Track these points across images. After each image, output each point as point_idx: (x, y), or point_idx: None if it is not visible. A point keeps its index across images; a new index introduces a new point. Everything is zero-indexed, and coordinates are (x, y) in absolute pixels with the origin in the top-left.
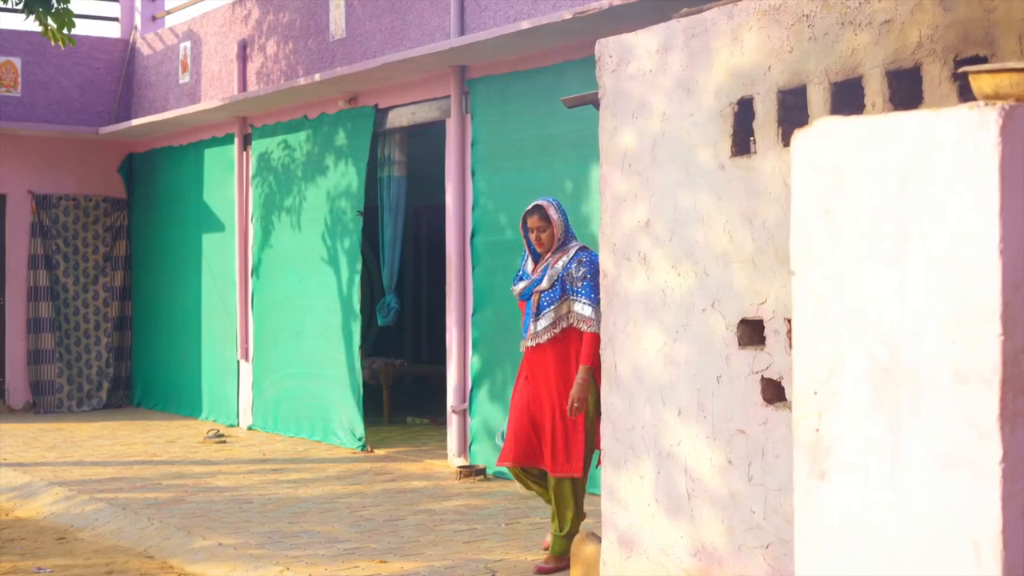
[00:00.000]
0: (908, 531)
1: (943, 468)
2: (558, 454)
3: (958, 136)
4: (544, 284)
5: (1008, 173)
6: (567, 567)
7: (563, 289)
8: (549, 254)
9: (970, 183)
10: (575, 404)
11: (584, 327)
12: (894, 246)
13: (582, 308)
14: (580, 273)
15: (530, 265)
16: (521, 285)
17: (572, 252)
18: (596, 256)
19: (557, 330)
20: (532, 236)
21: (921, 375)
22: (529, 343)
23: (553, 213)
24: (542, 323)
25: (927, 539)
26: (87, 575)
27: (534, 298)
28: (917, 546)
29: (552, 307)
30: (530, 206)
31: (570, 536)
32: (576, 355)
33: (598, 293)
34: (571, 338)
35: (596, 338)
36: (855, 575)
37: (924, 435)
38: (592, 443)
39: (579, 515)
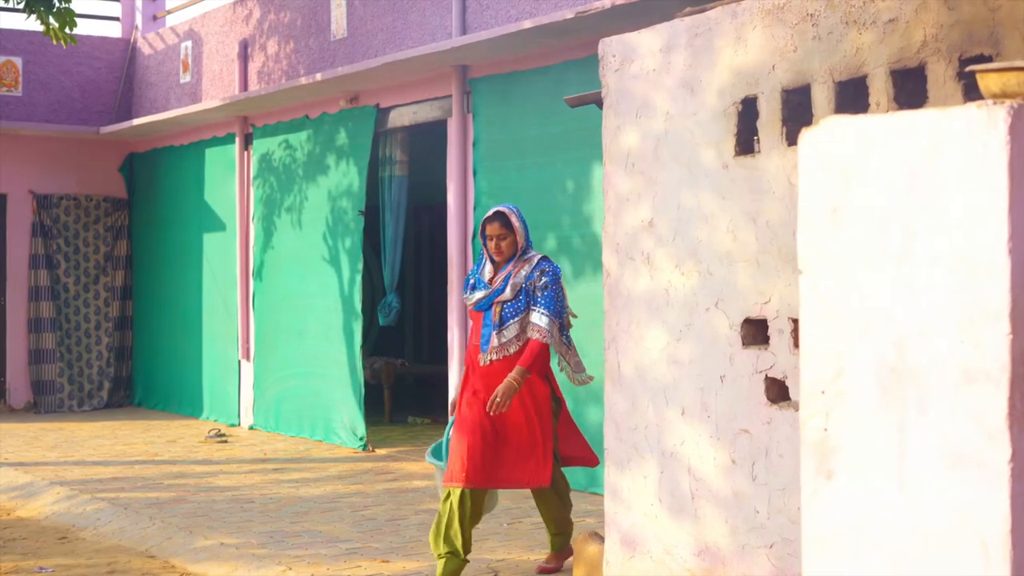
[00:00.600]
0: (916, 531)
1: (951, 468)
2: (528, 467)
3: (966, 135)
4: (507, 294)
5: (1017, 171)
6: (569, 556)
7: (527, 299)
8: (511, 264)
9: (978, 182)
10: (497, 399)
11: (537, 336)
12: (901, 245)
13: (538, 318)
14: (542, 283)
15: (487, 274)
16: (479, 295)
17: (535, 261)
18: (558, 267)
19: (521, 342)
20: (491, 244)
21: (929, 374)
22: (492, 356)
23: (515, 221)
24: (506, 335)
25: (935, 539)
26: (89, 575)
27: (495, 309)
28: (925, 546)
29: (517, 319)
30: (490, 212)
31: (565, 533)
32: (536, 368)
33: (557, 304)
34: None
35: (544, 348)
36: (862, 575)
37: (932, 434)
38: (556, 450)
39: (568, 509)
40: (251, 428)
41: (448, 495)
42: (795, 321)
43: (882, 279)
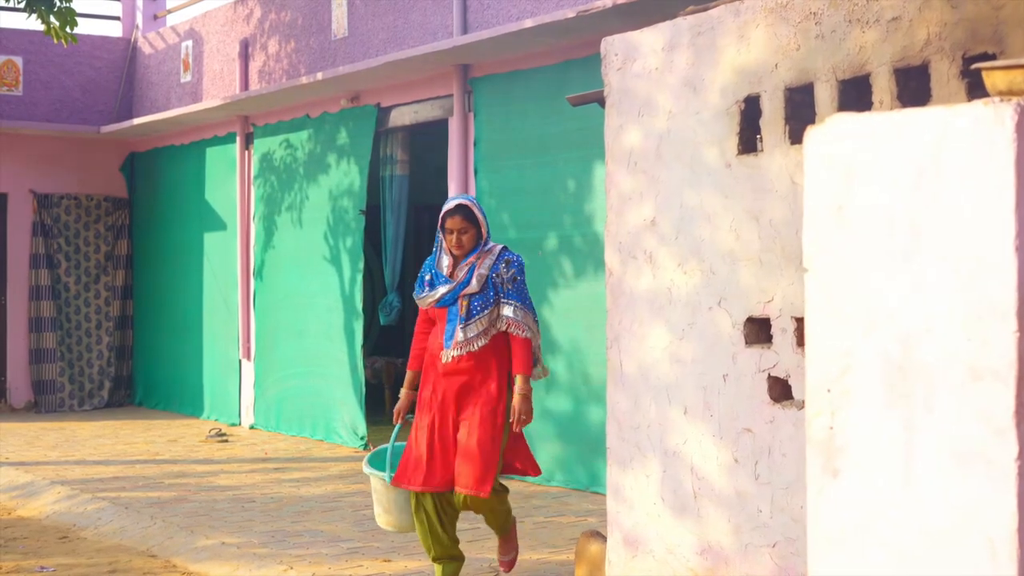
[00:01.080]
0: (922, 529)
1: (958, 466)
2: (472, 474)
3: (973, 132)
4: (473, 286)
5: (1023, 169)
6: (513, 532)
7: (495, 291)
8: (473, 256)
9: (985, 179)
10: (523, 417)
11: (517, 332)
12: (908, 242)
13: (514, 312)
14: (509, 275)
15: (446, 268)
16: (442, 290)
17: (497, 252)
18: (521, 257)
19: (487, 338)
20: (451, 238)
21: (935, 372)
22: (455, 352)
23: (478, 213)
24: (473, 330)
25: (941, 537)
26: (90, 574)
27: (462, 302)
28: (931, 544)
29: (485, 312)
30: (451, 205)
31: (502, 525)
32: (497, 365)
33: (526, 296)
34: (495, 347)
35: (528, 344)
36: (868, 573)
37: (938, 432)
38: (501, 457)
39: (503, 504)
40: (252, 427)
41: (417, 502)
42: (798, 320)
43: (888, 276)
